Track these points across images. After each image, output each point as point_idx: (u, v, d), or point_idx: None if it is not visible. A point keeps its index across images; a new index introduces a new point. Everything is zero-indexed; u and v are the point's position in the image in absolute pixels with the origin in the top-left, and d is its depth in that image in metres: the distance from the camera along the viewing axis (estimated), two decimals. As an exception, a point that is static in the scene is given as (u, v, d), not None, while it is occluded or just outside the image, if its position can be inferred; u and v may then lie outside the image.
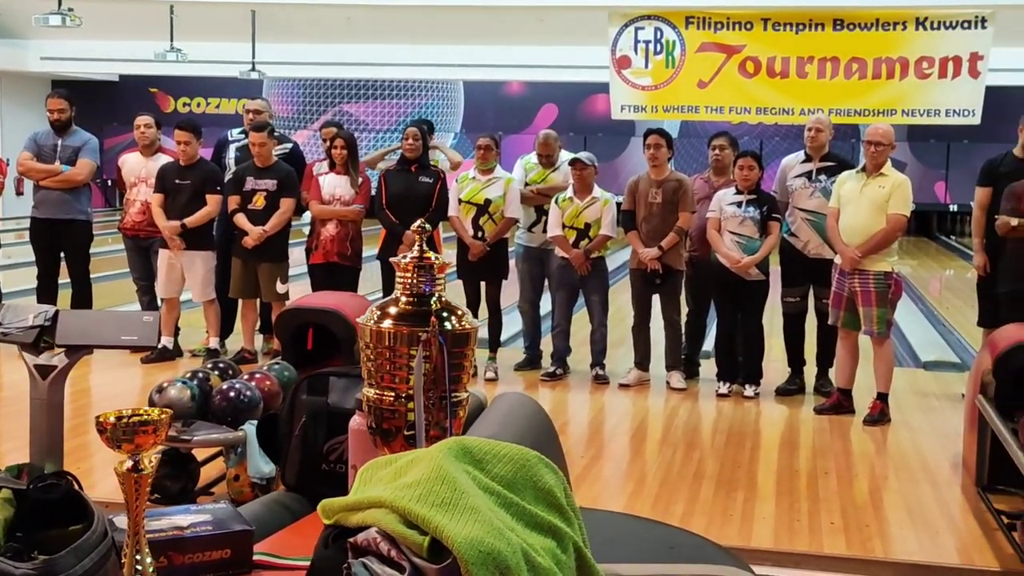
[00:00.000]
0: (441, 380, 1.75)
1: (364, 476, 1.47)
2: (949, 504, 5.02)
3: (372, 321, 1.79)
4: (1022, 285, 6.37)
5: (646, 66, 9.54)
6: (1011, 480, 4.72)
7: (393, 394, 1.78)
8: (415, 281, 1.81)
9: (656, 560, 3.07)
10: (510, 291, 7.95)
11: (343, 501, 1.40)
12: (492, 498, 1.37)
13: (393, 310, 1.80)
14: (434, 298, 1.81)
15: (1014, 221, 6.39)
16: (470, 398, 3.06)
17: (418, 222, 1.88)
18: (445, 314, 1.80)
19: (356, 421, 1.93)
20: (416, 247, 1.84)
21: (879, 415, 6.43)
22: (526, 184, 7.61)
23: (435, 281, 1.82)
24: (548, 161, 7.68)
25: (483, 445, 1.48)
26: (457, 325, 1.81)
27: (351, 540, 1.33)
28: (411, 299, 1.80)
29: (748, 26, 9.31)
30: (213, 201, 7.44)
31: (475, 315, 7.47)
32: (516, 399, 3.01)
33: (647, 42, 9.49)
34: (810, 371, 7.26)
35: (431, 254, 1.83)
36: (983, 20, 8.89)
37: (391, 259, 2.00)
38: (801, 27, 9.21)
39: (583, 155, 7.35)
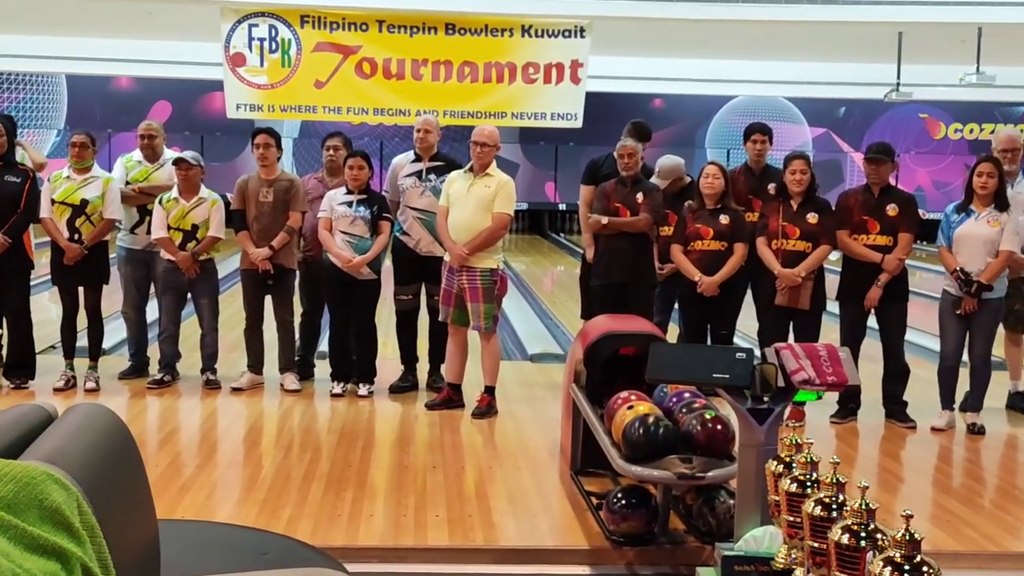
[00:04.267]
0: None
1: None
2: (547, 489, 5.26)
3: None
4: (612, 279, 6.82)
5: (262, 64, 9.39)
6: (600, 463, 5.02)
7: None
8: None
9: (247, 568, 3.00)
10: (115, 297, 7.56)
11: None
12: (-13, 523, 1.24)
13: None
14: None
15: (604, 219, 6.83)
16: (35, 411, 2.83)
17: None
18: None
19: None
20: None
21: (487, 408, 6.65)
22: (127, 183, 7.24)
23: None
24: (153, 153, 7.35)
25: (-18, 465, 1.34)
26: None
27: None
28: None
29: (364, 27, 9.37)
30: None
31: (73, 322, 7.05)
32: (88, 410, 2.83)
33: (262, 40, 9.35)
34: (423, 367, 7.40)
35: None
36: (582, 30, 9.42)
37: None
38: (415, 30, 9.39)
39: (188, 154, 7.10)
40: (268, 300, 7.22)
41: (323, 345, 7.72)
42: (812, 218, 6.50)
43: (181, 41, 15.67)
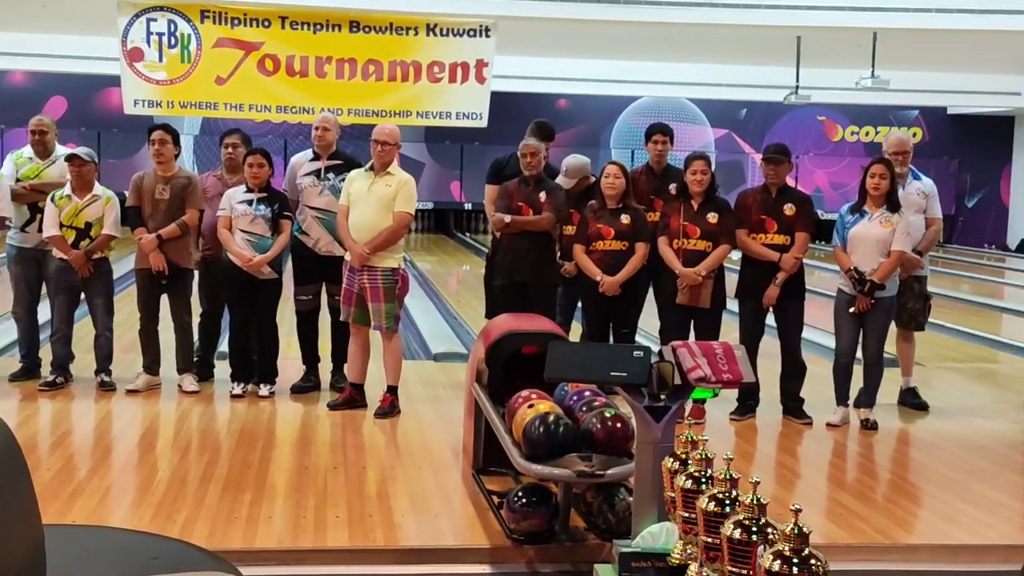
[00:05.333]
0: None
1: None
2: (448, 489, 5.25)
3: None
4: (514, 278, 6.84)
5: (160, 60, 9.19)
6: (502, 462, 5.01)
7: None
8: None
9: (135, 573, 2.93)
10: (6, 297, 7.36)
11: None
12: None
13: None
14: None
15: (507, 218, 6.84)
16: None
17: None
18: None
19: None
20: None
21: (389, 407, 6.62)
22: (17, 180, 7.04)
23: None
24: (44, 149, 7.16)
25: None
26: None
27: None
28: None
29: (266, 23, 9.24)
30: None
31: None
32: (-31, 413, 2.74)
33: (160, 34, 9.15)
34: (326, 367, 7.33)
35: None
36: (487, 29, 9.40)
37: None
38: (319, 27, 9.27)
39: (81, 150, 6.95)
40: (166, 300, 7.08)
41: (223, 345, 7.61)
42: (712, 218, 6.59)
43: (77, 35, 15.28)
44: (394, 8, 9.76)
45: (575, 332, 7.28)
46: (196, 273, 7.20)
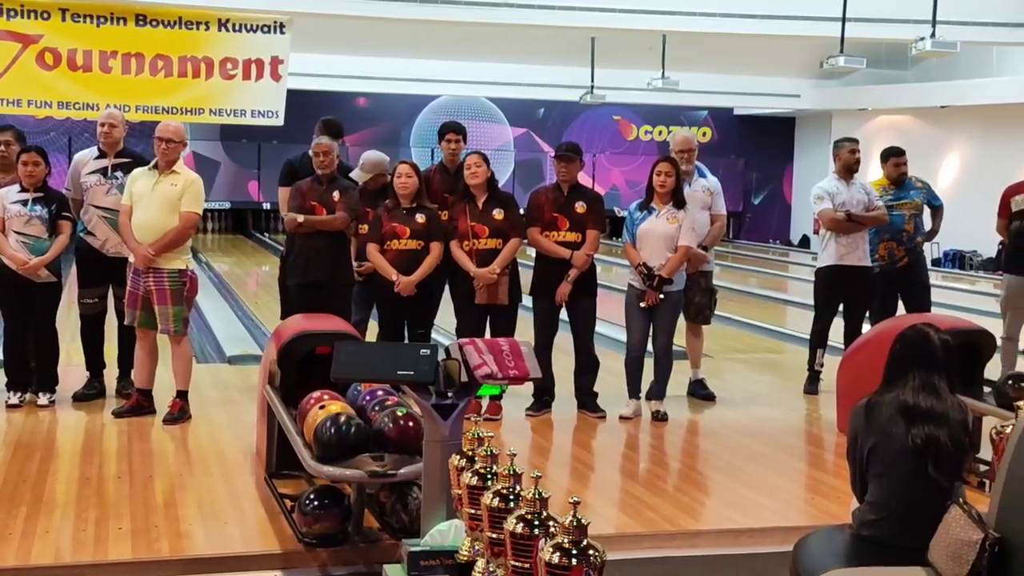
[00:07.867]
0: None
1: None
2: (240, 494, 5.11)
3: None
4: (309, 278, 6.74)
5: (-71, 52, 8.70)
6: (296, 465, 4.92)
7: None
8: None
9: None
10: None
11: None
12: None
13: None
14: None
15: (300, 218, 6.73)
16: None
17: None
18: None
19: None
20: None
21: (179, 413, 6.42)
22: None
23: None
24: None
25: None
26: None
27: None
28: None
29: (45, 15, 8.86)
30: None
31: None
32: None
33: (-70, 26, 8.65)
34: (111, 373, 7.05)
35: None
36: (281, 26, 9.25)
37: None
38: (102, 20, 8.95)
39: None
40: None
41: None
42: (498, 214, 6.63)
43: None
44: (183, 2, 9.46)
45: (372, 331, 7.23)
46: (-33, 278, 6.80)
